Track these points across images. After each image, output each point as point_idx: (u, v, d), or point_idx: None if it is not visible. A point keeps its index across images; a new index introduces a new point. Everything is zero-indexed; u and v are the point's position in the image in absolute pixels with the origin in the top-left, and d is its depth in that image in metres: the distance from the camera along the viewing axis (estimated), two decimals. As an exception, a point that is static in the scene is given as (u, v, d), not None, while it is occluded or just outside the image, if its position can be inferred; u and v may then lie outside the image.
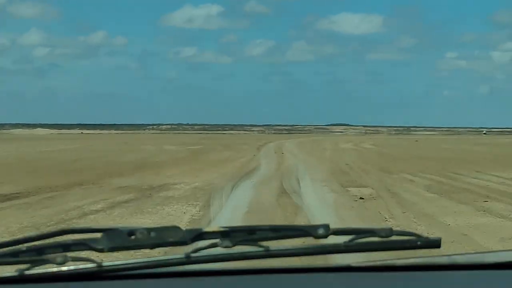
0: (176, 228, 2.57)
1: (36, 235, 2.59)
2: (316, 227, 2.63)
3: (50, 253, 2.49)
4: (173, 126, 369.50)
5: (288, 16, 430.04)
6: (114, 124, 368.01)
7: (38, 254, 2.49)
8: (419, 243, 2.67)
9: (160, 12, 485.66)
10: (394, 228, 2.66)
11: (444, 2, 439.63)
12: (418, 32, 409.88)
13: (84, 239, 2.54)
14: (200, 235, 2.55)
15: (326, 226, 2.61)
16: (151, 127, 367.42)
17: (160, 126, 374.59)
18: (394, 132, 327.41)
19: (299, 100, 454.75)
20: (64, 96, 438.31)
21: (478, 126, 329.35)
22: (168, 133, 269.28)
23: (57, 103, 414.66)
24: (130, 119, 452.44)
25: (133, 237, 2.54)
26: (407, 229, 3.51)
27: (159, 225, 2.61)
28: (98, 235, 2.55)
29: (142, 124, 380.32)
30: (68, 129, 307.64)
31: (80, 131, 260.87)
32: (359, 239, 2.62)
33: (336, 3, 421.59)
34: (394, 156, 60.28)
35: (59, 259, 2.48)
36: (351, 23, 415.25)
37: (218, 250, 2.56)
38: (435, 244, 2.67)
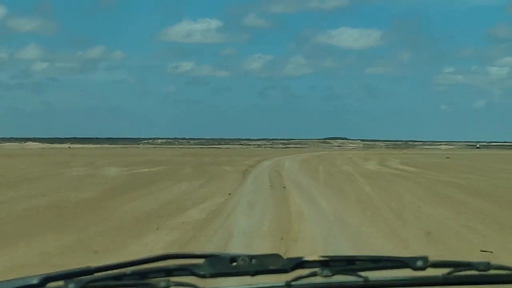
0: (277, 256, 2.55)
1: (140, 259, 2.56)
2: (415, 258, 2.57)
3: (153, 277, 2.49)
4: (168, 141, 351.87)
5: (287, 31, 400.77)
6: (110, 138, 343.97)
7: (141, 278, 2.49)
8: None
9: (158, 27, 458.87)
10: (492, 263, 2.57)
11: (443, 16, 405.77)
12: (416, 47, 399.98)
13: (187, 265, 2.54)
14: (300, 263, 2.54)
15: (425, 258, 2.56)
16: (146, 141, 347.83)
17: (156, 140, 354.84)
18: (392, 146, 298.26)
19: (297, 114, 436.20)
20: (61, 110, 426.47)
21: (475, 140, 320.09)
22: (160, 147, 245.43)
23: (54, 117, 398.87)
24: (127, 133, 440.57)
25: (235, 263, 2.52)
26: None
27: (260, 253, 2.54)
28: (201, 261, 2.53)
29: (138, 138, 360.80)
30: (61, 143, 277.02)
31: (68, 145, 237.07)
32: (457, 272, 2.56)
33: (336, 17, 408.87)
34: (483, 191, 30.53)
35: (162, 284, 2.48)
36: (349, 37, 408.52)
37: (318, 279, 2.52)
38: None
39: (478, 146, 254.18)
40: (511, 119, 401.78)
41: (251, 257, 2.53)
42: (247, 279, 2.60)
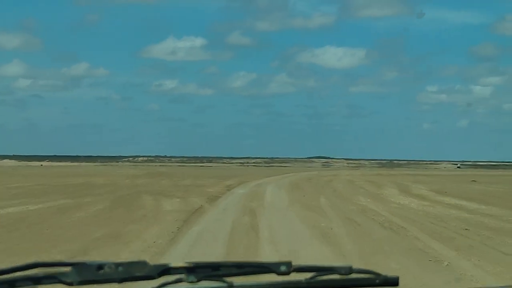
0: (143, 263, 2.49)
1: (8, 268, 2.47)
2: (279, 264, 2.56)
3: (21, 286, 2.43)
4: (149, 158, 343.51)
5: (271, 49, 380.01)
6: (90, 156, 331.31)
7: (10, 287, 2.42)
8: (377, 281, 2.60)
9: (143, 44, 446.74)
10: (354, 267, 2.58)
11: (426, 35, 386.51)
12: (399, 66, 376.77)
13: (54, 273, 2.46)
14: (166, 270, 2.50)
15: (288, 264, 2.55)
16: (126, 159, 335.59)
17: (136, 158, 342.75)
18: (377, 165, 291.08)
19: (280, 132, 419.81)
20: (44, 127, 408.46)
21: (459, 159, 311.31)
22: (138, 165, 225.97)
23: (36, 134, 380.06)
24: (109, 150, 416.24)
25: (101, 271, 2.45)
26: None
27: (127, 261, 2.46)
28: (68, 268, 2.46)
29: (119, 156, 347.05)
30: (40, 160, 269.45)
31: (40, 163, 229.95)
32: (320, 276, 2.57)
33: (320, 36, 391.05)
34: None
35: None
36: (333, 56, 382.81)
37: (184, 285, 2.51)
38: (394, 282, 2.61)
39: (459, 165, 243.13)
40: (495, 138, 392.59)
41: (118, 264, 2.45)
42: (114, 286, 2.55)
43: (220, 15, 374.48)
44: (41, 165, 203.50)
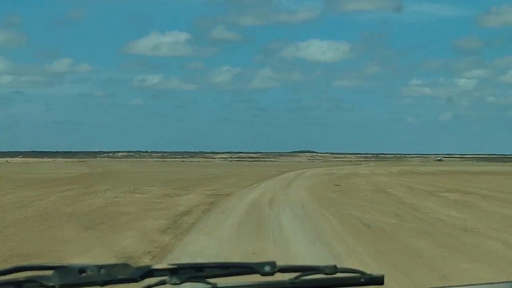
0: (126, 265, 2.38)
1: None
2: (263, 264, 2.44)
3: None
4: (130, 154, 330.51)
5: (256, 43, 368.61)
6: (70, 151, 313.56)
7: None
8: (362, 280, 2.47)
9: (126, 40, 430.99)
10: (339, 266, 2.45)
11: (411, 29, 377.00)
12: (384, 59, 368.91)
13: (36, 276, 2.34)
14: (149, 272, 2.38)
15: (272, 264, 2.44)
16: (106, 154, 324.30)
17: (116, 154, 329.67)
18: (364, 158, 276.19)
19: (264, 127, 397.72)
20: (25, 124, 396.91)
21: (445, 153, 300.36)
22: (118, 160, 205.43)
23: (18, 130, 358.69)
24: (91, 146, 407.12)
25: (84, 274, 2.34)
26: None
27: (109, 263, 2.39)
28: (50, 272, 2.34)
29: (100, 151, 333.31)
30: (16, 156, 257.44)
31: (6, 159, 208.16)
32: (305, 276, 2.45)
33: (305, 30, 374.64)
34: None
35: None
36: (318, 50, 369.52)
37: (167, 287, 2.39)
38: (379, 280, 2.49)
39: (439, 158, 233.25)
40: (480, 131, 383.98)
41: (100, 267, 2.34)
42: None
43: (204, 10, 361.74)
44: (7, 161, 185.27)
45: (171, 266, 2.41)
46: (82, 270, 2.34)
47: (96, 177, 58.84)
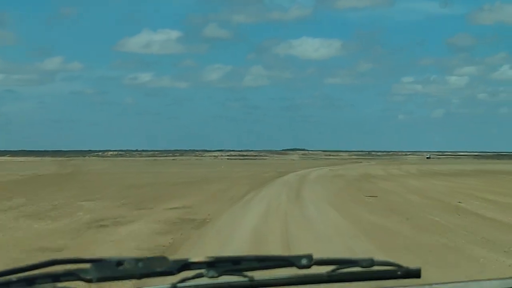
0: (163, 258, 2.34)
1: (27, 266, 2.31)
2: (300, 257, 2.38)
3: (40, 283, 2.28)
4: (119, 153, 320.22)
5: (248, 41, 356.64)
6: (59, 150, 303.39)
7: (29, 285, 2.28)
8: (399, 273, 2.41)
9: (118, 37, 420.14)
10: (376, 259, 2.39)
11: (403, 26, 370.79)
12: (376, 57, 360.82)
13: (74, 270, 2.30)
14: (186, 265, 2.35)
15: (309, 257, 2.38)
16: (96, 153, 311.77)
17: (106, 153, 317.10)
18: (356, 156, 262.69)
19: (256, 125, 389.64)
20: (17, 122, 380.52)
21: (438, 150, 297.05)
22: (107, 159, 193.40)
23: (9, 129, 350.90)
24: (81, 145, 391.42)
25: (121, 267, 2.30)
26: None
27: (146, 256, 2.30)
28: (87, 265, 2.31)
29: (90, 150, 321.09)
30: (2, 155, 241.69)
31: None
32: (341, 269, 2.40)
33: (297, 27, 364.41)
34: None
35: None
36: (310, 47, 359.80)
37: (204, 280, 2.36)
38: (415, 273, 2.42)
39: (428, 156, 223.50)
40: (470, 128, 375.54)
41: (137, 260, 2.31)
42: (134, 282, 2.37)
43: (196, 7, 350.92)
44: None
45: (208, 259, 2.36)
46: (119, 263, 2.29)
47: (42, 181, 44.02)
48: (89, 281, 2.28)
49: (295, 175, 59.50)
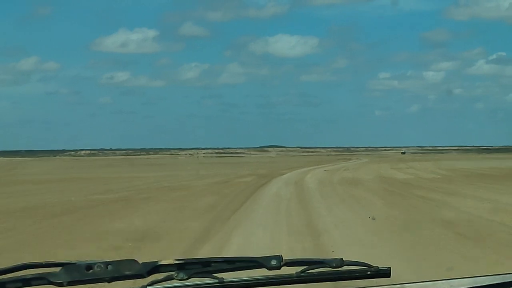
0: (133, 261, 2.30)
1: None
2: (269, 258, 2.34)
3: None
4: (93, 152, 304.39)
5: (224, 39, 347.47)
6: (32, 150, 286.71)
7: None
8: (369, 272, 2.36)
9: (94, 37, 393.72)
10: (345, 259, 2.33)
11: (378, 23, 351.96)
12: (352, 53, 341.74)
13: (44, 273, 2.26)
14: (156, 267, 2.30)
15: (279, 257, 2.34)
16: (69, 153, 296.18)
17: (79, 152, 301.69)
18: (334, 152, 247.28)
19: (232, 122, 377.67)
20: None
21: (416, 145, 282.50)
22: (76, 159, 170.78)
23: None
24: (56, 145, 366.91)
25: (91, 271, 2.25)
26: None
27: (116, 260, 2.30)
28: (57, 269, 2.27)
29: (64, 149, 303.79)
30: None
31: None
32: (311, 269, 2.34)
33: (273, 25, 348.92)
34: None
35: None
36: (286, 44, 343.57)
37: (174, 283, 2.29)
38: (385, 273, 2.36)
39: (403, 151, 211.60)
40: (447, 123, 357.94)
41: (107, 263, 2.26)
42: (104, 286, 2.37)
43: (172, 5, 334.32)
44: None
45: (177, 262, 2.32)
46: (89, 266, 2.25)
47: None
48: (59, 285, 2.22)
49: (284, 182, 39.34)
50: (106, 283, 2.28)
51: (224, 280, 2.29)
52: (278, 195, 28.29)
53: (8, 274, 2.28)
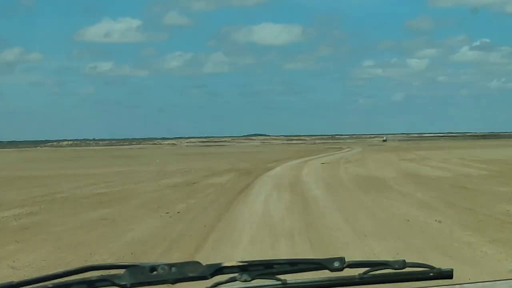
0: (196, 263, 2.30)
1: (62, 272, 2.27)
2: (332, 260, 2.34)
3: None
4: (75, 142, 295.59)
5: (208, 28, 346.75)
6: (13, 141, 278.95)
7: None
8: (431, 274, 2.35)
9: (77, 27, 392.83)
10: (408, 260, 2.32)
11: (362, 11, 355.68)
12: (336, 41, 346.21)
13: (108, 275, 2.26)
14: (219, 269, 2.29)
15: (341, 259, 2.33)
16: (51, 143, 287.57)
17: (61, 143, 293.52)
18: (319, 140, 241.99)
19: (216, 111, 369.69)
20: None
21: (401, 132, 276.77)
22: (54, 150, 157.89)
23: None
24: (37, 135, 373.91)
25: (155, 272, 2.25)
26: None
27: (180, 261, 2.25)
28: (121, 271, 2.26)
29: (46, 140, 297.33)
30: None
31: None
32: (374, 271, 2.33)
33: (257, 13, 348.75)
34: None
35: None
36: (270, 33, 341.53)
37: (237, 284, 2.29)
38: (448, 275, 2.35)
39: (385, 139, 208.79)
40: (431, 110, 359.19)
41: (171, 265, 2.26)
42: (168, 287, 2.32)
43: None
44: None
45: (241, 263, 2.30)
46: (153, 268, 2.24)
47: None
48: (123, 286, 2.22)
49: (274, 183, 26.88)
50: (170, 284, 2.25)
51: (287, 282, 2.27)
52: (267, 216, 15.96)
53: (73, 276, 2.25)
